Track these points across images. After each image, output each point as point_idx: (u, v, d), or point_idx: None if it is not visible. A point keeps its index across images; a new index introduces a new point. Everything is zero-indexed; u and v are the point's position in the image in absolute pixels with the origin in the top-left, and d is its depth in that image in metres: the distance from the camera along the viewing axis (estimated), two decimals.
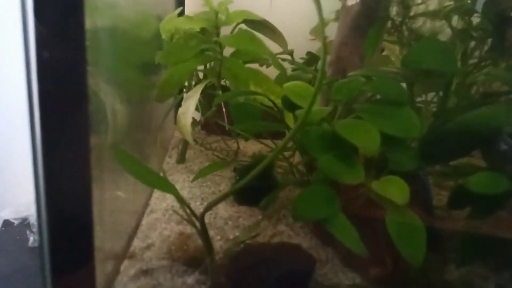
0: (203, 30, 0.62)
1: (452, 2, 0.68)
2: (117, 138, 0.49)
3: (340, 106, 0.44)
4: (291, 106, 0.44)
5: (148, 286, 0.34)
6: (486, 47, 0.68)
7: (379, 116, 0.39)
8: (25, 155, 0.23)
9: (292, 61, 0.78)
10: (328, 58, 0.73)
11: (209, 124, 0.84)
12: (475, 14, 0.62)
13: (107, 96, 0.48)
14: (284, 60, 0.75)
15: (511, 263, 0.39)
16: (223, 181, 0.64)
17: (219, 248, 0.41)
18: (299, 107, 0.43)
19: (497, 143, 0.35)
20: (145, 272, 0.36)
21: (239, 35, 0.53)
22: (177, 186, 0.61)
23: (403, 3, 0.64)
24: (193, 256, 0.37)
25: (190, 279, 0.35)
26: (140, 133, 0.64)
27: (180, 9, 0.65)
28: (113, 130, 0.49)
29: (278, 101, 0.49)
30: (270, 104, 0.51)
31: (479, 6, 0.56)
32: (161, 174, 0.69)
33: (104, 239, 0.37)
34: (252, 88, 0.56)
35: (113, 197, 0.43)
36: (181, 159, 0.74)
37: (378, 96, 0.44)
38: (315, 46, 0.93)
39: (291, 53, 0.98)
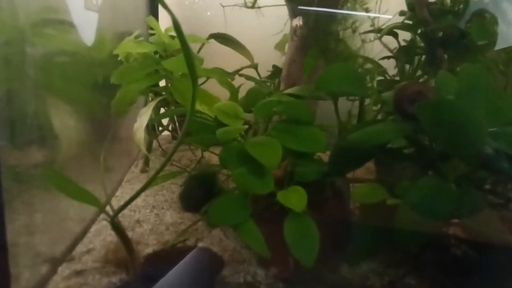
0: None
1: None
2: (69, 151, 0.55)
3: (259, 124, 0.50)
4: (220, 123, 0.50)
5: (77, 285, 0.39)
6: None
7: (288, 134, 0.44)
8: None
9: (251, 77, 0.82)
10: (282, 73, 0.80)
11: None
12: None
13: (58, 114, 0.53)
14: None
15: (404, 259, 0.44)
16: (179, 189, 0.70)
17: (152, 252, 0.47)
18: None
19: (381, 156, 0.41)
20: (78, 273, 0.41)
21: (179, 59, 0.58)
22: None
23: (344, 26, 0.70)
24: (124, 259, 0.43)
25: (115, 279, 0.40)
26: (101, 146, 0.69)
27: (137, 32, 0.71)
28: (65, 144, 0.54)
29: None
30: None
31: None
32: (124, 182, 0.74)
33: (45, 246, 0.42)
34: (198, 104, 0.62)
35: (59, 207, 0.48)
36: (144, 169, 0.80)
37: None
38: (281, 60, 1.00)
39: (255, 67, 1.04)
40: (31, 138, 0.42)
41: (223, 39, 0.89)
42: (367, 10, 0.66)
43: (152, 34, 0.70)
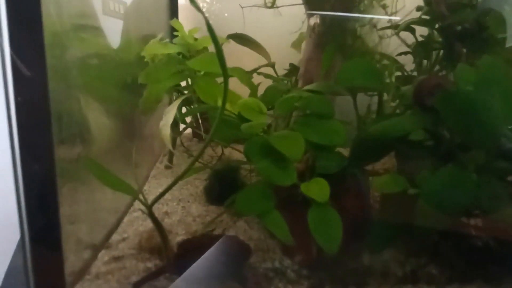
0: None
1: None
2: (102, 147, 0.59)
3: (280, 119, 0.52)
4: (244, 119, 0.53)
5: (116, 268, 0.43)
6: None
7: (309, 128, 0.46)
8: None
9: (269, 75, 0.85)
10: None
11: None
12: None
13: (93, 113, 0.57)
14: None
15: (425, 249, 0.45)
16: (202, 183, 0.73)
17: (183, 239, 0.50)
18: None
19: (401, 148, 0.42)
20: (116, 259, 0.45)
21: (203, 58, 0.61)
22: (160, 190, 0.70)
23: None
24: (156, 247, 0.46)
25: (150, 264, 0.43)
26: (130, 143, 0.73)
27: (161, 34, 0.74)
28: (99, 140, 0.58)
29: None
30: None
31: None
32: (150, 177, 0.78)
33: (85, 234, 0.46)
34: (220, 102, 0.64)
35: (97, 199, 0.52)
36: (168, 165, 0.83)
37: None
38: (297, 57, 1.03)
39: (273, 65, 1.06)
40: (70, 134, 0.45)
41: (241, 39, 0.92)
42: (384, 7, 0.67)
43: (175, 36, 0.73)
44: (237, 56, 0.91)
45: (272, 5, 0.78)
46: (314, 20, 0.74)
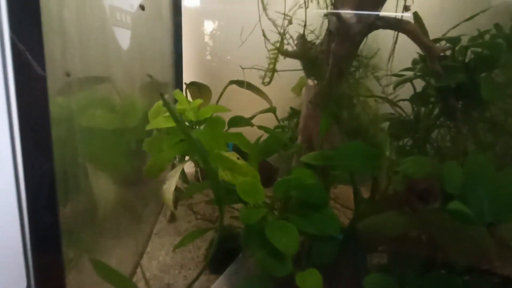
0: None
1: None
2: (107, 211, 0.62)
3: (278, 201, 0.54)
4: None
5: None
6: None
7: (303, 218, 0.48)
8: None
9: (264, 128, 0.87)
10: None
11: None
12: None
13: (98, 181, 0.60)
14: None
15: None
16: (204, 244, 0.74)
17: None
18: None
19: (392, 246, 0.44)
20: None
21: (204, 132, 0.64)
22: (163, 252, 0.72)
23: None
24: None
25: None
26: (135, 200, 0.76)
27: (166, 95, 0.77)
28: (104, 204, 0.61)
29: None
30: None
31: None
32: (153, 234, 0.80)
33: None
34: (221, 169, 0.67)
35: None
36: (172, 219, 0.85)
37: None
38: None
39: (274, 110, 1.10)
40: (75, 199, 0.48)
41: (242, 84, 0.97)
42: (377, 79, 0.69)
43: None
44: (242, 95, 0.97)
45: (273, 69, 0.80)
46: (311, 83, 0.77)
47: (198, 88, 1.05)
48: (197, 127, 0.72)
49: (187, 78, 1.11)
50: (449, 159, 0.72)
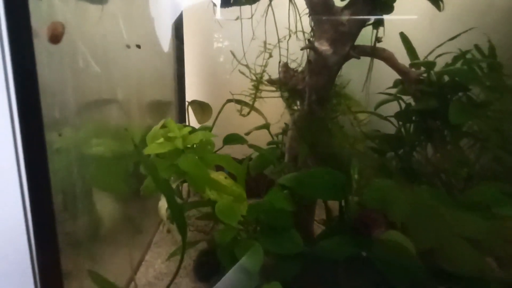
0: None
1: None
2: (108, 225, 0.71)
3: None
4: None
5: None
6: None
7: (270, 238, 0.55)
8: None
9: (255, 147, 0.94)
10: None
11: None
12: None
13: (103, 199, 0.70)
14: None
15: None
16: (196, 253, 0.82)
17: None
18: None
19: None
20: None
21: (188, 161, 0.71)
22: (159, 260, 0.81)
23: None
24: None
25: None
26: (136, 214, 0.85)
27: (163, 121, 0.86)
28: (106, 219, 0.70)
29: None
30: None
31: None
32: (152, 244, 0.89)
33: None
34: (208, 190, 0.74)
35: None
36: (169, 230, 0.94)
37: None
38: None
39: (268, 127, 1.17)
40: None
41: (240, 102, 1.04)
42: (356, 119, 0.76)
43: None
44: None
45: (253, 101, 0.88)
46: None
47: (199, 106, 1.14)
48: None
49: (189, 97, 1.20)
50: (420, 180, 0.78)
